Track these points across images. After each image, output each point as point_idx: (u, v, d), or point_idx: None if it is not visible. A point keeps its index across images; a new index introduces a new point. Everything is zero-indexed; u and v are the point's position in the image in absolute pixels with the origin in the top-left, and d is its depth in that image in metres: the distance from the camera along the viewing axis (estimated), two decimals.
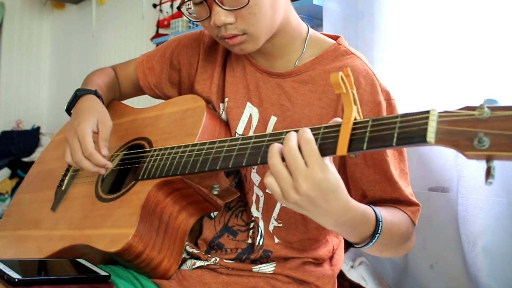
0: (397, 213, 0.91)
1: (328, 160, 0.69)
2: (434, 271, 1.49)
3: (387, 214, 0.85)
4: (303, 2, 1.78)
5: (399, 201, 0.93)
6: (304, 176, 0.66)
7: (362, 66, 0.95)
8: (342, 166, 0.96)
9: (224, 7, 0.87)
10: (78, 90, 1.11)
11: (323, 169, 0.67)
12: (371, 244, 0.81)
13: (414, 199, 0.94)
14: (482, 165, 0.57)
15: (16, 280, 0.80)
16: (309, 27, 1.03)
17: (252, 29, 0.89)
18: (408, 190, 0.94)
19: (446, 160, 1.43)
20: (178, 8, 0.95)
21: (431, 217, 1.48)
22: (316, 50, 0.99)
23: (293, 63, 0.99)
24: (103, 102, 1.10)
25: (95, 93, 1.11)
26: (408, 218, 0.92)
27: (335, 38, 1.02)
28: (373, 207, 0.83)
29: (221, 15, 0.87)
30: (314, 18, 1.88)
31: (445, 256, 1.47)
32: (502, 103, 0.57)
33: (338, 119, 0.71)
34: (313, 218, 0.74)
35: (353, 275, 1.62)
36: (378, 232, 0.81)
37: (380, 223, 0.81)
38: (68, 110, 1.11)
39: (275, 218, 0.98)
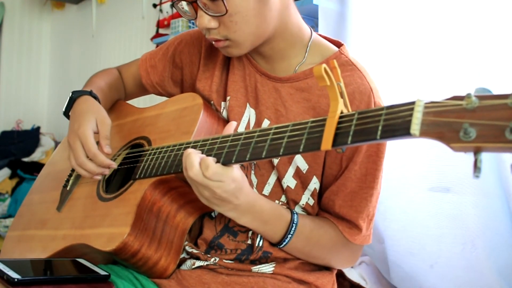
0: (325, 225, 0.95)
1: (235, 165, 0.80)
2: (434, 271, 1.48)
3: (311, 222, 0.93)
4: (303, 2, 1.78)
5: (344, 218, 0.95)
6: (215, 186, 0.80)
7: (361, 80, 0.94)
8: (337, 177, 0.96)
9: (207, 12, 0.88)
10: (73, 92, 1.11)
11: (228, 176, 0.79)
12: (284, 243, 0.91)
13: (362, 223, 0.95)
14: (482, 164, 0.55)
15: (16, 280, 0.80)
16: (312, 31, 1.02)
17: (234, 36, 0.90)
18: (364, 212, 0.94)
19: (446, 160, 1.43)
20: (172, 5, 0.96)
21: (431, 217, 1.47)
22: (317, 57, 0.99)
23: (293, 68, 0.99)
24: (99, 102, 1.10)
25: (90, 93, 1.10)
26: (338, 233, 0.95)
27: (339, 45, 1.01)
28: (294, 211, 0.92)
29: (204, 19, 0.89)
30: (314, 18, 1.87)
31: (445, 256, 1.47)
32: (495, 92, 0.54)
33: None
34: (225, 214, 0.86)
35: (353, 275, 1.62)
36: (290, 233, 0.90)
37: (294, 225, 0.90)
38: (66, 113, 1.11)
39: None
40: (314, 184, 0.96)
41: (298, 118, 0.95)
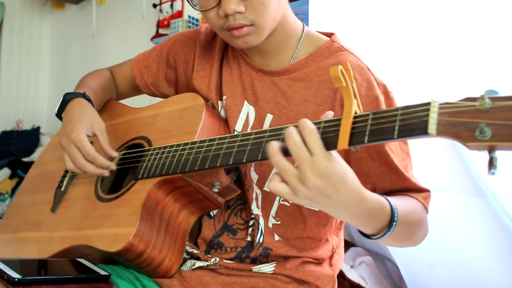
0: (409, 200, 0.91)
1: (334, 151, 0.69)
2: (434, 271, 1.49)
3: (400, 202, 0.84)
4: (302, 2, 1.78)
5: (409, 189, 0.94)
6: (310, 166, 0.66)
7: (357, 62, 0.95)
8: (348, 163, 0.95)
9: None
10: (66, 94, 1.11)
11: (328, 157, 0.66)
12: (388, 233, 0.80)
13: (423, 185, 0.95)
14: (480, 165, 0.56)
15: (16, 279, 0.80)
16: (304, 25, 1.04)
17: (261, 20, 0.90)
18: (415, 178, 0.94)
19: (445, 160, 1.43)
20: None
21: (431, 217, 1.47)
22: (311, 47, 1.00)
23: (288, 61, 1.00)
24: (92, 104, 1.10)
25: (83, 95, 1.10)
26: (420, 204, 0.92)
27: (330, 35, 1.03)
28: (385, 196, 0.81)
29: (232, 3, 0.87)
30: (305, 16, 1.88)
31: (445, 256, 1.47)
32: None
33: (330, 113, 0.72)
34: (328, 212, 0.73)
35: (353, 275, 1.62)
36: (395, 220, 0.79)
37: (396, 211, 0.80)
38: (59, 115, 1.11)
39: (273, 215, 0.99)
40: None
41: (301, 107, 0.95)
